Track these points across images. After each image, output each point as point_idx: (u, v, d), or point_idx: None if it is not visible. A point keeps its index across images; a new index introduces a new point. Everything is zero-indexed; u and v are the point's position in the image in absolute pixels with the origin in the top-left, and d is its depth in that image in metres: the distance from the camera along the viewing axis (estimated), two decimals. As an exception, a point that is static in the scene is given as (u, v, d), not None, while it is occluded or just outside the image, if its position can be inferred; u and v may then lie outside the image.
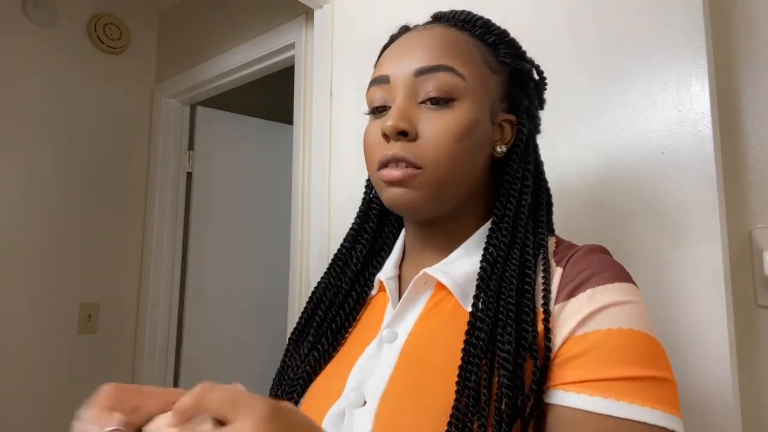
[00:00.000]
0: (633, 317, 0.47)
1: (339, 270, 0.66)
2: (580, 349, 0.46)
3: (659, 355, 0.47)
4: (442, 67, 0.54)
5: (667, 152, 0.80)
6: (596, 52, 0.88)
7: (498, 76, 0.58)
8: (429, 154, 0.52)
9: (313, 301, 0.66)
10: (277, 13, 1.79)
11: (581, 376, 0.45)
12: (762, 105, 0.81)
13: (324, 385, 0.56)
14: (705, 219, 0.75)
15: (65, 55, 2.07)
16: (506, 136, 0.59)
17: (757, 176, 0.80)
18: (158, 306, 2.19)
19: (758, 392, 0.76)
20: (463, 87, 0.54)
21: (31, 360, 1.90)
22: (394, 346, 0.54)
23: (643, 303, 0.50)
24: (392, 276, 0.61)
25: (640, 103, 0.83)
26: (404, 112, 0.53)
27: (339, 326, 0.61)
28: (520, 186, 0.57)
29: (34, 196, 1.96)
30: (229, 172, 2.40)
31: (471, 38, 0.57)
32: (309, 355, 0.60)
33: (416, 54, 0.55)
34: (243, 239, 2.40)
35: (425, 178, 0.53)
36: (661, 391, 0.44)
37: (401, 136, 0.53)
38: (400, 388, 0.50)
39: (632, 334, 0.46)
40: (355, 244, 0.67)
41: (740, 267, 0.79)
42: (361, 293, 0.64)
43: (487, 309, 0.50)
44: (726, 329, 0.72)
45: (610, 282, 0.49)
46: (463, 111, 0.53)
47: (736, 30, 0.83)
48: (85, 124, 2.11)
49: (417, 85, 0.54)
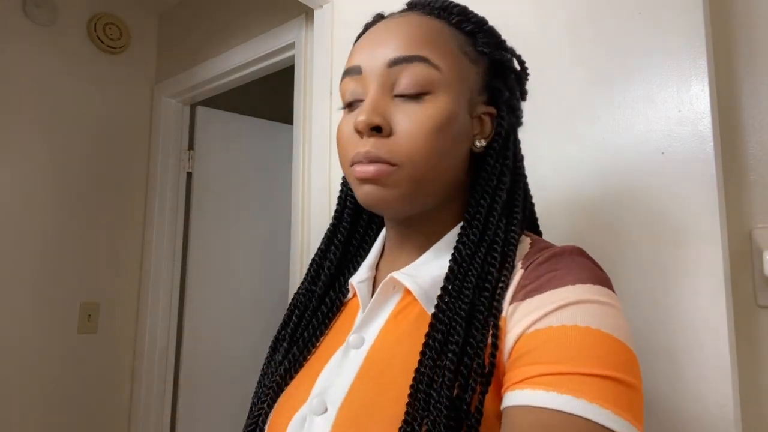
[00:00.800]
0: (597, 316, 0.43)
1: (314, 274, 0.64)
2: (529, 347, 0.43)
3: (625, 359, 0.41)
4: (416, 58, 0.50)
5: (667, 152, 0.80)
6: (596, 52, 0.88)
7: (476, 67, 0.55)
8: (404, 150, 0.49)
9: (290, 307, 0.64)
10: (277, 13, 1.79)
11: (526, 372, 0.42)
12: (762, 105, 0.80)
13: (292, 393, 0.55)
14: (705, 219, 0.75)
15: (65, 54, 2.07)
16: (486, 130, 0.56)
17: (757, 176, 0.80)
18: (158, 306, 2.19)
19: (758, 392, 0.76)
20: (438, 79, 0.51)
21: (31, 359, 1.90)
22: (360, 352, 0.53)
23: (615, 306, 0.45)
24: (365, 279, 0.59)
25: (640, 103, 0.83)
26: (377, 106, 0.50)
27: (311, 333, 0.60)
28: (496, 182, 0.54)
29: (34, 195, 1.96)
30: (229, 172, 2.40)
31: (447, 27, 0.54)
32: (282, 363, 0.59)
33: (389, 43, 0.52)
34: (243, 239, 2.40)
35: (401, 176, 0.50)
36: (617, 393, 0.39)
37: (374, 131, 0.50)
38: (361, 394, 0.49)
39: (592, 333, 0.41)
40: (329, 246, 0.64)
41: (740, 267, 0.79)
42: (336, 297, 0.61)
43: (446, 310, 0.48)
44: (726, 329, 0.71)
45: (572, 284, 0.45)
46: (439, 104, 0.50)
47: (736, 30, 0.83)
48: (85, 124, 2.11)
49: (390, 77, 0.51)
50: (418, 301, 0.52)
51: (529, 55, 0.63)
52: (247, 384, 2.28)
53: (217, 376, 2.26)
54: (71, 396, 1.99)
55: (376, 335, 0.53)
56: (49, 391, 1.93)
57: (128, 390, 2.16)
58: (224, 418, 2.24)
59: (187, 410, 2.17)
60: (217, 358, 2.27)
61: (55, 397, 1.95)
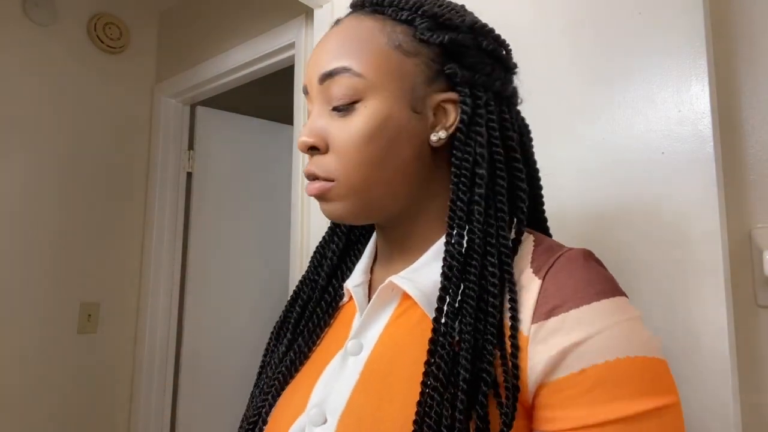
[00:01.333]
0: (626, 342, 0.43)
1: (317, 263, 0.63)
2: (570, 392, 0.42)
3: (661, 376, 0.43)
4: (339, 70, 0.50)
5: (667, 152, 0.80)
6: (596, 52, 0.88)
7: (417, 57, 0.51)
8: (337, 165, 0.50)
9: (292, 296, 0.64)
10: (277, 13, 1.79)
11: (574, 421, 0.41)
12: (762, 105, 0.80)
13: (289, 398, 0.54)
14: (705, 219, 0.75)
15: (65, 54, 2.07)
16: (450, 119, 0.52)
17: (757, 176, 0.80)
18: (158, 306, 2.19)
19: (758, 392, 0.76)
20: (363, 85, 0.49)
21: (31, 359, 1.90)
22: (359, 359, 0.51)
23: (635, 317, 0.45)
24: (360, 283, 0.57)
25: (640, 103, 0.83)
26: (313, 127, 0.51)
27: (315, 324, 0.58)
28: (471, 177, 0.50)
29: (34, 195, 1.96)
30: (229, 171, 2.40)
31: (379, 22, 0.52)
32: (287, 354, 0.58)
33: (320, 59, 0.52)
34: (243, 239, 2.40)
35: (339, 190, 0.50)
36: (661, 422, 0.41)
37: (312, 151, 0.51)
38: (361, 405, 0.47)
39: (628, 364, 0.42)
40: (332, 236, 0.64)
41: (740, 267, 0.79)
42: (337, 290, 0.60)
43: (447, 333, 0.45)
44: (726, 329, 0.71)
45: (596, 300, 0.44)
46: (368, 111, 0.49)
47: (736, 30, 0.83)
48: (85, 123, 2.10)
49: (324, 93, 0.51)
50: (417, 305, 0.51)
51: (528, 55, 0.62)
52: (247, 384, 2.28)
53: (217, 376, 2.26)
54: (71, 396, 1.99)
55: (375, 341, 0.51)
56: (48, 391, 1.93)
57: (128, 390, 2.16)
58: (224, 418, 2.24)
59: (187, 410, 2.17)
60: (217, 358, 2.27)
61: (55, 397, 1.94)
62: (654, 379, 0.43)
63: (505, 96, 0.55)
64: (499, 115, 0.53)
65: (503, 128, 0.53)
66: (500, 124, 0.53)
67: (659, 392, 0.42)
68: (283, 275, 1.70)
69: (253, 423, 0.55)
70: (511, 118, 0.54)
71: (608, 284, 0.46)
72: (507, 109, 0.54)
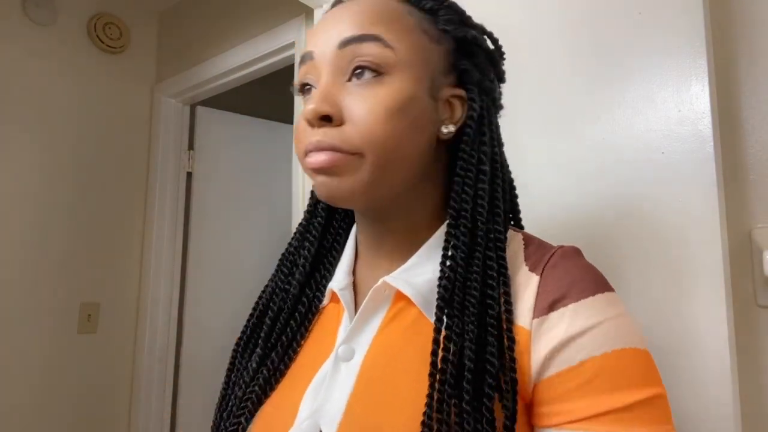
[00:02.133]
0: (620, 334, 0.44)
1: (287, 272, 0.59)
2: (570, 384, 0.43)
3: (649, 368, 0.45)
4: (368, 37, 0.46)
5: (667, 152, 0.80)
6: (595, 52, 0.88)
7: (440, 47, 0.50)
8: (359, 136, 0.45)
9: (260, 307, 0.59)
10: (277, 13, 1.79)
11: (576, 413, 0.42)
12: (762, 104, 0.80)
13: (273, 413, 0.50)
14: (705, 218, 0.75)
15: (65, 54, 2.07)
16: (456, 115, 0.51)
17: (757, 176, 0.80)
18: (158, 306, 2.19)
19: (758, 392, 0.76)
20: (393, 59, 0.47)
21: (31, 359, 1.90)
22: (352, 365, 0.48)
23: (625, 312, 0.46)
24: (346, 285, 0.54)
25: (640, 103, 0.83)
26: (327, 94, 0.46)
27: (291, 338, 0.54)
28: (476, 173, 0.50)
29: (34, 195, 1.96)
30: (229, 171, 2.40)
31: (406, 5, 0.51)
32: (258, 371, 0.53)
33: (341, 25, 0.48)
34: (243, 239, 2.40)
35: (362, 163, 0.46)
36: (657, 410, 0.43)
37: (324, 121, 0.46)
38: (360, 414, 0.45)
39: (623, 355, 0.43)
40: (302, 242, 0.59)
41: (740, 267, 0.79)
42: (312, 300, 0.56)
43: (452, 333, 0.44)
44: (726, 329, 0.71)
45: (592, 294, 0.45)
46: (395, 86, 0.46)
47: (736, 30, 0.83)
48: (85, 123, 2.10)
49: (342, 60, 0.47)
50: (410, 306, 0.49)
51: (528, 55, 0.62)
52: (247, 384, 2.28)
53: (217, 376, 2.24)
54: (71, 396, 1.99)
55: (369, 345, 0.49)
56: (48, 391, 1.93)
57: (128, 390, 2.16)
58: (224, 418, 2.23)
59: (187, 410, 2.17)
60: (217, 358, 2.27)
61: (55, 397, 1.94)
62: (649, 370, 0.44)
63: (497, 100, 0.56)
64: (495, 119, 0.56)
65: (497, 132, 0.56)
66: (496, 127, 0.56)
67: (653, 382, 0.44)
68: (283, 275, 1.70)
69: None
70: (498, 123, 0.57)
71: (601, 279, 0.48)
72: (496, 116, 0.57)
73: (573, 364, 0.43)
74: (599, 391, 0.42)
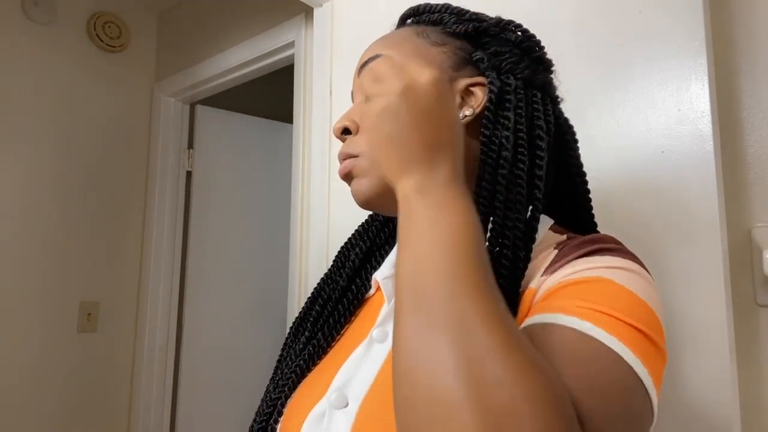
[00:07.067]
0: (632, 281, 0.42)
1: (339, 265, 0.65)
2: (555, 288, 0.43)
3: (656, 324, 0.41)
4: (373, 58, 0.55)
5: (667, 151, 0.80)
6: (595, 51, 0.88)
7: (445, 46, 0.55)
8: (362, 139, 0.52)
9: (313, 295, 0.65)
10: (277, 12, 1.79)
11: (552, 304, 0.41)
12: (762, 104, 0.81)
13: (311, 384, 0.55)
14: (705, 218, 0.75)
15: (64, 53, 2.07)
16: (477, 101, 0.53)
17: (757, 175, 0.80)
18: (158, 305, 2.19)
19: (758, 391, 0.76)
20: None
21: (30, 358, 1.90)
22: (384, 346, 0.52)
23: (648, 278, 0.44)
24: (389, 275, 0.58)
25: (640, 102, 0.83)
26: (349, 113, 0.55)
27: (335, 321, 0.60)
28: (495, 157, 0.49)
29: (34, 194, 1.96)
30: (228, 171, 2.40)
31: (421, 26, 0.57)
32: (304, 349, 0.59)
33: (361, 58, 0.57)
34: (243, 238, 2.40)
35: (363, 164, 0.52)
36: (646, 348, 0.39)
37: (345, 134, 0.55)
38: (385, 389, 0.47)
39: (627, 291, 0.41)
40: (358, 240, 0.65)
41: (740, 266, 0.79)
42: (359, 290, 0.62)
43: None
44: (726, 328, 0.72)
45: (609, 254, 0.45)
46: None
47: (736, 29, 0.83)
48: (85, 122, 2.10)
49: (359, 83, 0.56)
50: None
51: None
52: (247, 383, 2.28)
53: (216, 376, 2.26)
54: (71, 395, 1.99)
55: None
56: (48, 390, 1.93)
57: (128, 389, 2.16)
58: (224, 418, 2.24)
59: (187, 410, 2.18)
60: (217, 358, 2.27)
61: (55, 396, 1.95)
62: (653, 323, 0.41)
63: (536, 85, 0.55)
64: (528, 102, 0.53)
65: (531, 116, 0.53)
66: (528, 110, 0.53)
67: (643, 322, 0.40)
68: (282, 274, 1.70)
69: (268, 415, 0.56)
70: (543, 108, 0.54)
71: (627, 251, 0.47)
72: (539, 99, 0.54)
73: (564, 282, 0.43)
74: (571, 293, 0.41)
